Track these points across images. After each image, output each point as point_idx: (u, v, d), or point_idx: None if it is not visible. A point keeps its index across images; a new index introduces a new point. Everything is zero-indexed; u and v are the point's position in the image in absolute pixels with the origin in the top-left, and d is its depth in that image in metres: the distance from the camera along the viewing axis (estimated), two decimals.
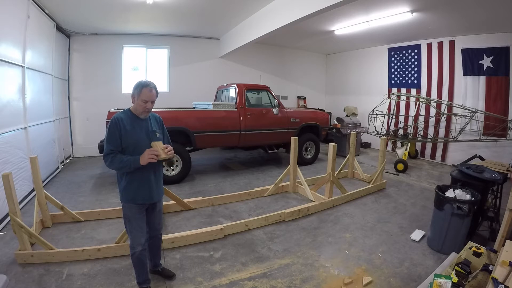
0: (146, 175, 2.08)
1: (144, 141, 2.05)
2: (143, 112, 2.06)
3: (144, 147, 2.02)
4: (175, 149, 5.35)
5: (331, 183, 4.07)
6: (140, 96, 2.00)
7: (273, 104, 6.06)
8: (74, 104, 7.07)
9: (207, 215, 3.77)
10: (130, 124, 2.02)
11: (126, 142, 1.99)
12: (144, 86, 2.00)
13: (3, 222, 3.25)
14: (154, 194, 2.16)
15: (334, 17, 5.86)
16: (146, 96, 2.00)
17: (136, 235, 2.09)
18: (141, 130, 2.07)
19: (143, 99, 2.00)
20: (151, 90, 2.02)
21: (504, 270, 1.77)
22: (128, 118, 2.04)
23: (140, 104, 2.02)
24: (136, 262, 2.14)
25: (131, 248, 2.11)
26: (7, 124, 3.60)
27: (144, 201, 2.10)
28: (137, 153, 1.98)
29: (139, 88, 2.00)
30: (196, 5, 5.39)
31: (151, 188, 2.12)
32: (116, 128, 1.97)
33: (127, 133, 2.00)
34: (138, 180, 2.05)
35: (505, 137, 5.47)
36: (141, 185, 2.07)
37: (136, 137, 2.03)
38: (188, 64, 8.25)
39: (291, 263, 2.69)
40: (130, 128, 2.01)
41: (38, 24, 4.85)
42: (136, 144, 2.01)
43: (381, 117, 6.63)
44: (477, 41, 6.17)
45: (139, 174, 2.04)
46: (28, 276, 2.38)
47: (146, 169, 2.04)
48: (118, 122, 1.98)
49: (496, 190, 3.28)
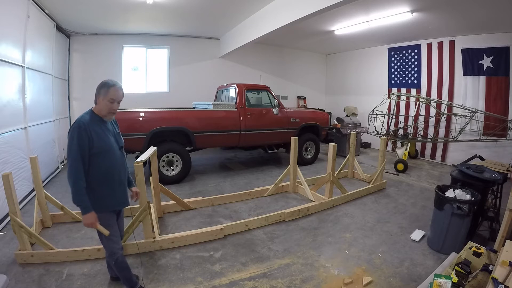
0: (119, 179, 2.01)
1: (113, 145, 1.95)
2: (108, 114, 1.91)
3: (115, 151, 1.95)
4: (175, 149, 5.32)
5: (331, 183, 4.07)
6: (108, 95, 1.86)
7: (273, 104, 6.06)
8: (74, 104, 7.07)
9: (207, 215, 3.77)
10: (98, 127, 1.87)
11: (97, 147, 1.84)
12: (112, 85, 1.87)
13: (3, 222, 3.25)
14: (125, 198, 2.11)
15: (334, 17, 5.86)
16: (113, 95, 1.86)
17: (114, 241, 2.01)
18: (108, 132, 1.95)
19: (111, 97, 1.86)
20: (118, 89, 1.90)
21: (504, 270, 1.77)
22: (95, 121, 1.88)
23: (106, 105, 1.87)
24: (122, 266, 2.05)
25: (112, 255, 2.00)
26: (7, 124, 3.60)
27: (118, 208, 2.05)
28: (109, 159, 1.90)
29: (105, 87, 1.86)
30: (196, 5, 5.39)
31: (123, 192, 2.07)
32: (85, 133, 1.78)
33: (98, 137, 1.84)
34: (113, 184, 1.96)
35: (505, 137, 5.47)
36: (116, 189, 1.99)
37: (109, 142, 1.91)
38: (188, 64, 8.25)
39: (291, 263, 2.69)
40: (99, 131, 1.87)
41: (38, 24, 4.85)
42: (109, 148, 1.91)
43: (381, 117, 6.63)
44: (477, 41, 6.17)
45: (113, 178, 1.96)
46: (28, 276, 2.38)
47: (119, 172, 1.99)
48: (87, 126, 1.80)
49: (496, 190, 3.28)
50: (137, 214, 2.69)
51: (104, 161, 1.89)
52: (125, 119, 4.71)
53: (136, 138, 4.68)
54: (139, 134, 4.71)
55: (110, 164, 1.93)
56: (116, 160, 1.97)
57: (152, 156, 3.34)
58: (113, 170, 1.95)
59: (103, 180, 1.90)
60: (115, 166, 1.96)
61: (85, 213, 1.82)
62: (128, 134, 4.66)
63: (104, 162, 1.89)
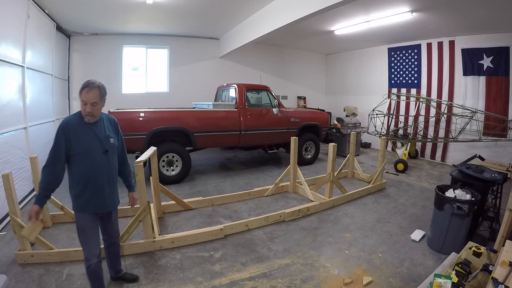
0: (100, 183, 1.96)
1: (96, 148, 1.92)
2: (85, 116, 1.88)
3: (96, 155, 1.91)
4: (175, 149, 5.29)
5: (331, 183, 4.07)
6: (80, 97, 1.85)
7: (273, 104, 6.06)
8: (74, 104, 7.07)
9: (207, 215, 3.76)
10: (81, 129, 1.88)
11: (76, 149, 1.85)
12: (84, 86, 1.84)
13: (3, 222, 3.25)
14: (108, 202, 2.05)
15: (334, 17, 5.86)
16: (84, 97, 1.84)
17: (91, 246, 1.96)
18: (93, 135, 1.92)
19: (82, 99, 1.85)
20: (89, 90, 1.84)
21: (504, 270, 1.77)
22: (78, 122, 1.89)
23: (81, 106, 1.87)
24: (92, 275, 1.99)
25: (86, 260, 1.95)
26: (7, 124, 3.60)
27: (96, 210, 1.99)
28: (89, 162, 1.89)
29: (80, 89, 1.85)
30: (196, 5, 5.39)
31: (104, 196, 2.00)
32: (62, 134, 1.82)
33: (78, 139, 1.85)
34: (91, 188, 1.93)
35: (505, 137, 5.47)
36: (94, 193, 1.95)
37: (87, 144, 1.89)
38: (188, 64, 8.25)
39: (291, 263, 2.69)
40: (80, 133, 1.87)
41: (38, 24, 4.85)
42: (88, 151, 1.89)
43: (381, 117, 6.63)
44: (477, 41, 6.17)
45: (92, 182, 1.93)
46: (28, 276, 2.38)
47: (100, 176, 1.94)
48: (66, 127, 1.83)
49: (496, 190, 3.28)
50: (137, 214, 2.69)
51: (82, 164, 1.88)
52: (125, 119, 4.72)
53: (136, 138, 4.69)
54: (139, 134, 4.71)
55: (88, 168, 1.90)
56: (96, 164, 1.92)
57: (152, 156, 3.34)
58: (90, 174, 1.91)
59: (80, 182, 1.91)
60: (93, 170, 1.91)
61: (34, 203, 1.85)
62: (128, 134, 4.67)
63: (82, 164, 1.89)
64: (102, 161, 1.96)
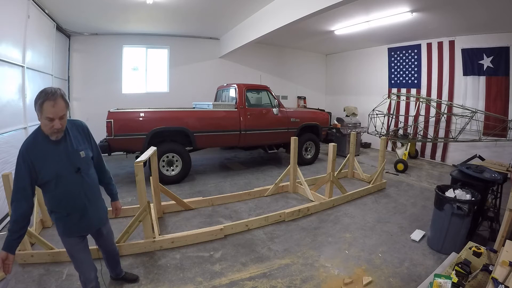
0: (80, 206, 1.73)
1: (67, 169, 1.65)
2: (52, 134, 1.59)
3: (68, 176, 1.65)
4: (175, 149, 5.28)
5: (331, 183, 4.07)
6: (43, 113, 1.51)
7: (273, 104, 6.06)
8: (74, 104, 7.06)
9: (207, 215, 3.77)
10: (44, 151, 1.59)
11: (44, 177, 1.59)
12: (45, 99, 1.48)
13: (3, 222, 3.25)
14: (94, 223, 1.87)
15: (334, 17, 5.86)
16: (50, 113, 1.50)
17: (85, 270, 1.84)
18: (59, 156, 1.63)
19: (47, 116, 1.51)
20: (55, 104, 1.51)
21: (504, 270, 1.77)
22: (40, 143, 1.59)
23: (45, 124, 1.54)
24: None
25: (83, 284, 1.87)
26: (7, 124, 3.60)
27: (82, 234, 1.82)
28: (62, 187, 1.64)
29: (38, 103, 1.49)
30: (196, 5, 5.39)
31: (88, 218, 1.79)
32: (23, 163, 1.54)
33: (43, 165, 1.58)
34: (71, 213, 1.72)
35: (505, 137, 5.47)
36: (76, 217, 1.74)
37: (55, 168, 1.61)
38: (188, 64, 8.25)
39: (291, 263, 2.69)
40: (45, 157, 1.58)
41: (38, 24, 4.84)
42: (58, 177, 1.62)
43: (381, 117, 6.63)
44: (477, 41, 6.17)
45: (70, 207, 1.71)
46: (28, 276, 2.38)
47: (78, 199, 1.72)
48: (27, 154, 1.55)
49: (496, 190, 3.28)
50: (137, 214, 2.69)
51: (55, 189, 1.65)
52: (125, 119, 4.72)
53: (136, 138, 4.69)
54: (139, 134, 4.71)
55: (63, 191, 1.67)
56: (70, 187, 1.68)
57: (152, 156, 3.34)
58: (67, 198, 1.69)
59: (59, 207, 1.71)
60: (67, 194, 1.68)
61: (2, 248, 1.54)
62: (128, 134, 4.67)
63: (55, 190, 1.65)
64: (76, 181, 1.70)
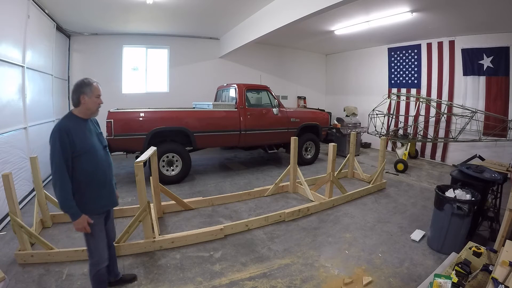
0: (108, 179, 1.99)
1: (97, 144, 1.94)
2: (97, 110, 1.95)
3: (99, 151, 1.92)
4: (175, 149, 5.29)
5: (331, 183, 4.07)
6: (94, 91, 1.87)
7: (273, 104, 6.06)
8: None
9: (207, 215, 3.77)
10: (80, 127, 1.85)
11: (80, 149, 1.80)
12: (92, 82, 1.89)
13: (3, 222, 3.25)
14: (115, 198, 2.11)
15: (334, 17, 5.86)
16: (99, 91, 1.92)
17: (102, 250, 1.95)
18: (90, 132, 1.92)
19: (98, 94, 1.91)
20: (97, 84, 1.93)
21: (504, 270, 1.77)
22: (76, 124, 1.85)
23: (94, 101, 1.89)
24: (101, 279, 1.98)
25: (95, 265, 1.93)
26: (7, 124, 3.60)
27: (109, 208, 2.06)
28: (92, 161, 1.86)
29: (88, 86, 1.86)
30: (196, 5, 5.39)
31: (113, 192, 2.06)
32: (67, 137, 1.74)
33: (81, 139, 1.82)
34: (104, 185, 1.95)
35: (505, 137, 5.47)
36: (107, 190, 1.98)
37: (91, 142, 1.88)
38: (188, 64, 8.25)
39: (291, 263, 2.69)
40: (81, 132, 1.85)
41: (38, 24, 4.84)
42: (92, 150, 1.87)
43: (381, 117, 6.63)
44: (477, 41, 6.17)
45: (102, 179, 1.93)
46: (28, 276, 2.38)
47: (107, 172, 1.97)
48: (67, 128, 1.77)
49: (496, 190, 3.28)
50: (137, 214, 2.69)
51: (88, 163, 1.84)
52: (125, 119, 4.72)
53: (136, 138, 4.69)
54: (139, 134, 4.71)
55: (95, 165, 1.88)
56: (101, 160, 1.93)
57: (152, 156, 3.34)
58: (98, 171, 1.90)
59: (89, 182, 1.86)
60: (100, 166, 1.92)
61: (75, 218, 1.80)
62: (128, 134, 4.67)
63: (88, 163, 1.84)
64: (104, 157, 1.98)
